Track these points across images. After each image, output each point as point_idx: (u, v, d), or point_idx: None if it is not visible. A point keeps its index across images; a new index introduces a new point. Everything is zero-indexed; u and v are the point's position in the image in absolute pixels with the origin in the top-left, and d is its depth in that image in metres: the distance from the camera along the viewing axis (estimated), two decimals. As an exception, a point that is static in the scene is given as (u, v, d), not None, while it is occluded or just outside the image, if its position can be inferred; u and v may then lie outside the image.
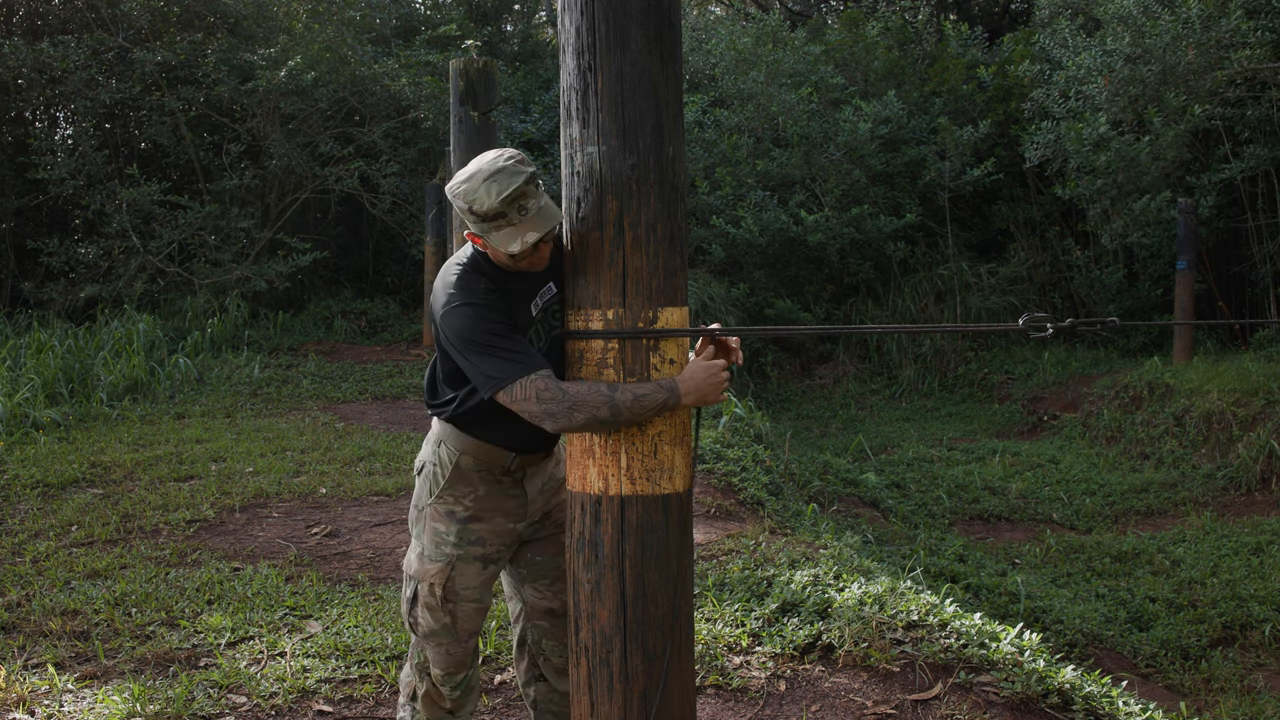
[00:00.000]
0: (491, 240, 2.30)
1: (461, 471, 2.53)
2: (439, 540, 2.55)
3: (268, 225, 11.34)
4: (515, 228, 2.26)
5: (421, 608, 2.57)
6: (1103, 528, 6.89)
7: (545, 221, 2.26)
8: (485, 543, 2.55)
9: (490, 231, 2.28)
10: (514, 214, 2.25)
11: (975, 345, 11.26)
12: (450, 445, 2.53)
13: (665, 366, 2.24)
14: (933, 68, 12.85)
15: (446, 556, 2.54)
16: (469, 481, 2.53)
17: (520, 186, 2.24)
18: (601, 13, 2.15)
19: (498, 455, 2.52)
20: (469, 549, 2.54)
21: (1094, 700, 3.21)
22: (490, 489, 2.55)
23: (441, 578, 2.53)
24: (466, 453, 2.52)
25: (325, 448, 6.64)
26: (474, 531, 2.54)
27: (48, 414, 7.22)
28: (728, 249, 11.30)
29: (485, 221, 2.27)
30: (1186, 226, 9.43)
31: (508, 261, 2.35)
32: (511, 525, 2.58)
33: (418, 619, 2.58)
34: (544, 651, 2.71)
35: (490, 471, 2.54)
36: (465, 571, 2.54)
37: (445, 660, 2.61)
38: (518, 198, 2.24)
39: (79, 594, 4.12)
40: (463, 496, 2.54)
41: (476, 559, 2.54)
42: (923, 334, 11.41)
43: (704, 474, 5.63)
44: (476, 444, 2.50)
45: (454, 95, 5.36)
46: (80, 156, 10.70)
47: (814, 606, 3.69)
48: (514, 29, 16.12)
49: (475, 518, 2.54)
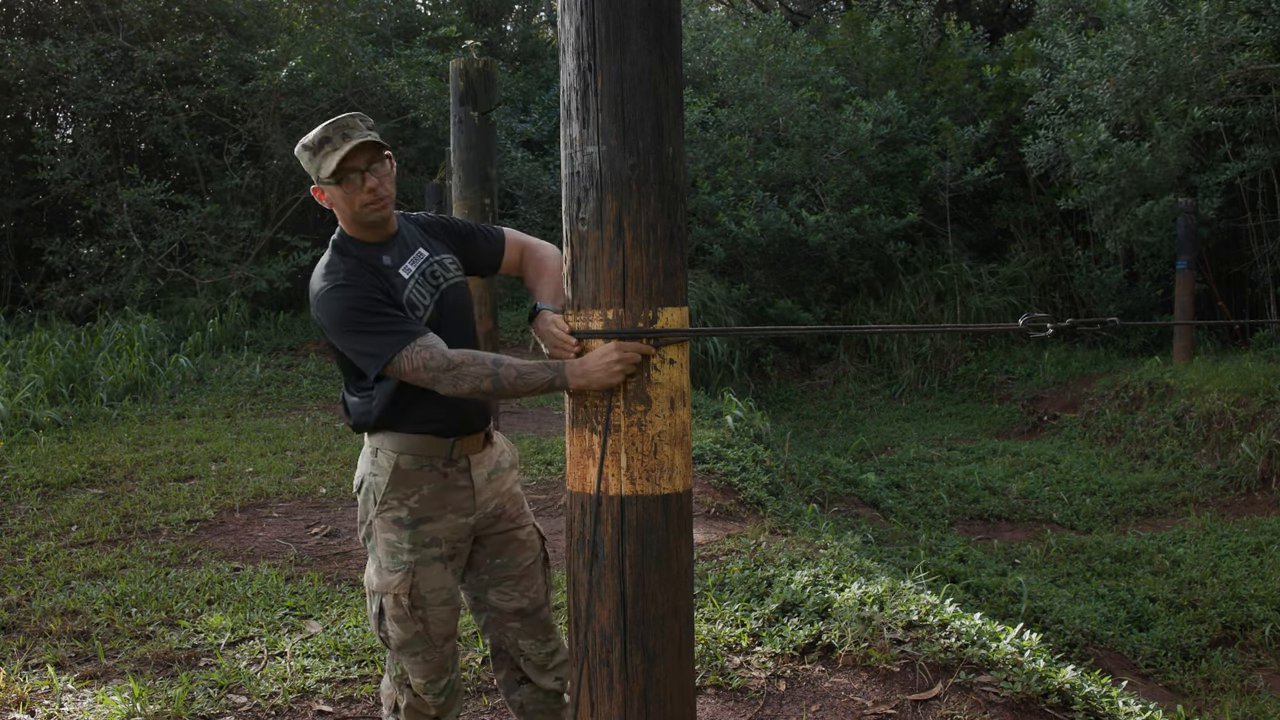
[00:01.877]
0: (322, 173, 2.34)
1: (402, 472, 2.45)
2: (393, 550, 2.47)
3: (268, 225, 11.35)
4: (337, 149, 2.33)
5: (390, 621, 2.48)
6: (1103, 528, 6.89)
7: (355, 139, 2.32)
8: (440, 542, 2.48)
9: (321, 164, 2.34)
10: (337, 138, 2.33)
11: (975, 345, 11.27)
12: (386, 449, 2.47)
13: (665, 366, 2.24)
14: (933, 67, 12.85)
15: (405, 564, 2.45)
16: (411, 482, 2.46)
17: (348, 117, 2.35)
18: (601, 13, 2.15)
19: (436, 446, 2.46)
20: (425, 551, 2.46)
21: (1094, 700, 3.21)
22: (434, 486, 2.47)
23: (405, 586, 2.45)
24: (404, 451, 2.45)
25: (325, 448, 6.63)
26: (426, 533, 2.47)
27: (48, 414, 7.23)
28: (728, 249, 11.30)
29: (316, 153, 2.34)
30: (1187, 227, 9.43)
31: (358, 215, 2.38)
32: (463, 520, 2.51)
33: (388, 633, 2.50)
34: (523, 652, 2.65)
35: (433, 466, 2.47)
36: (427, 575, 2.47)
37: (424, 668, 2.53)
38: (343, 126, 2.34)
39: (79, 594, 4.12)
40: (406, 499, 2.46)
41: (436, 559, 2.47)
42: (923, 334, 11.42)
43: (704, 474, 5.63)
44: (410, 439, 2.45)
45: (454, 95, 5.36)
46: (81, 157, 10.71)
47: (814, 606, 3.69)
48: (514, 29, 16.12)
49: (424, 519, 2.47)
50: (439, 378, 2.27)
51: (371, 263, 2.41)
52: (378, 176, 2.37)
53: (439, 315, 2.45)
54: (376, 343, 2.29)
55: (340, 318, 2.33)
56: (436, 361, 2.26)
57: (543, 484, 5.73)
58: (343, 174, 2.35)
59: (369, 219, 2.40)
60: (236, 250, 10.94)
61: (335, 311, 2.33)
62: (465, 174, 5.15)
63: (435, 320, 2.44)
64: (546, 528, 4.61)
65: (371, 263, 2.41)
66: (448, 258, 2.54)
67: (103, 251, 10.81)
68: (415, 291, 2.43)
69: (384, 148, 2.40)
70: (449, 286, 2.50)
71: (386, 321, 2.30)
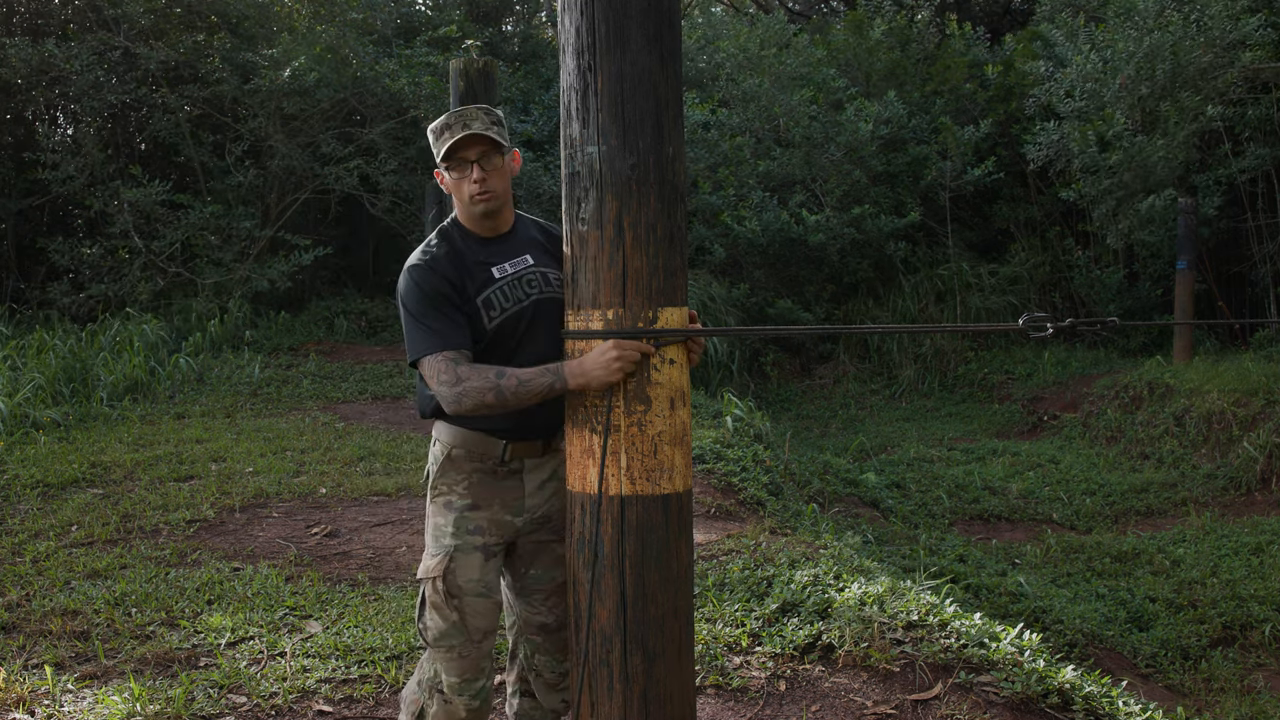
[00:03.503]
0: (438, 153, 2.43)
1: (453, 460, 2.50)
2: (438, 534, 2.50)
3: (268, 225, 11.34)
4: (452, 137, 2.40)
5: (429, 609, 2.47)
6: (1103, 528, 6.89)
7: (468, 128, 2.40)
8: (484, 531, 2.48)
9: (440, 149, 2.42)
10: (458, 126, 2.41)
11: (975, 345, 11.26)
12: (443, 440, 2.52)
13: (665, 366, 2.24)
14: (934, 67, 12.86)
15: (445, 548, 2.47)
16: (460, 469, 2.49)
17: (473, 109, 2.44)
18: (601, 13, 2.15)
19: (489, 444, 2.48)
20: (467, 538, 2.46)
21: (1094, 700, 3.21)
22: (484, 476, 2.50)
23: (441, 569, 2.45)
24: (457, 445, 2.49)
25: (325, 448, 6.63)
26: (471, 520, 2.47)
27: (48, 414, 7.22)
28: (728, 249, 11.30)
29: (438, 137, 2.43)
30: (1187, 226, 9.43)
31: (466, 204, 2.46)
32: (509, 518, 2.51)
33: (426, 623, 2.48)
34: (535, 667, 2.62)
35: (483, 463, 2.49)
36: (465, 563, 2.46)
37: (459, 665, 2.46)
38: (465, 115, 2.42)
39: (79, 594, 4.12)
40: (455, 484, 2.49)
41: (476, 549, 2.46)
42: (923, 334, 11.41)
43: (704, 474, 5.63)
44: (464, 433, 2.48)
45: (454, 95, 5.36)
46: (84, 156, 10.70)
47: (814, 606, 3.69)
48: (514, 29, 16.12)
49: (472, 505, 2.48)
50: (443, 393, 2.32)
51: (467, 254, 2.46)
52: (486, 170, 2.42)
53: (520, 324, 2.44)
54: (417, 335, 2.37)
55: (405, 295, 2.42)
56: (447, 376, 2.31)
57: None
58: (453, 161, 2.42)
59: (476, 210, 2.45)
60: (238, 250, 10.94)
61: (404, 287, 2.42)
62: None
63: (513, 328, 2.43)
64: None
65: (467, 254, 2.46)
66: (553, 273, 2.50)
67: (104, 251, 10.80)
68: (499, 293, 2.44)
69: (500, 144, 2.43)
70: (544, 299, 2.47)
71: (437, 319, 2.36)
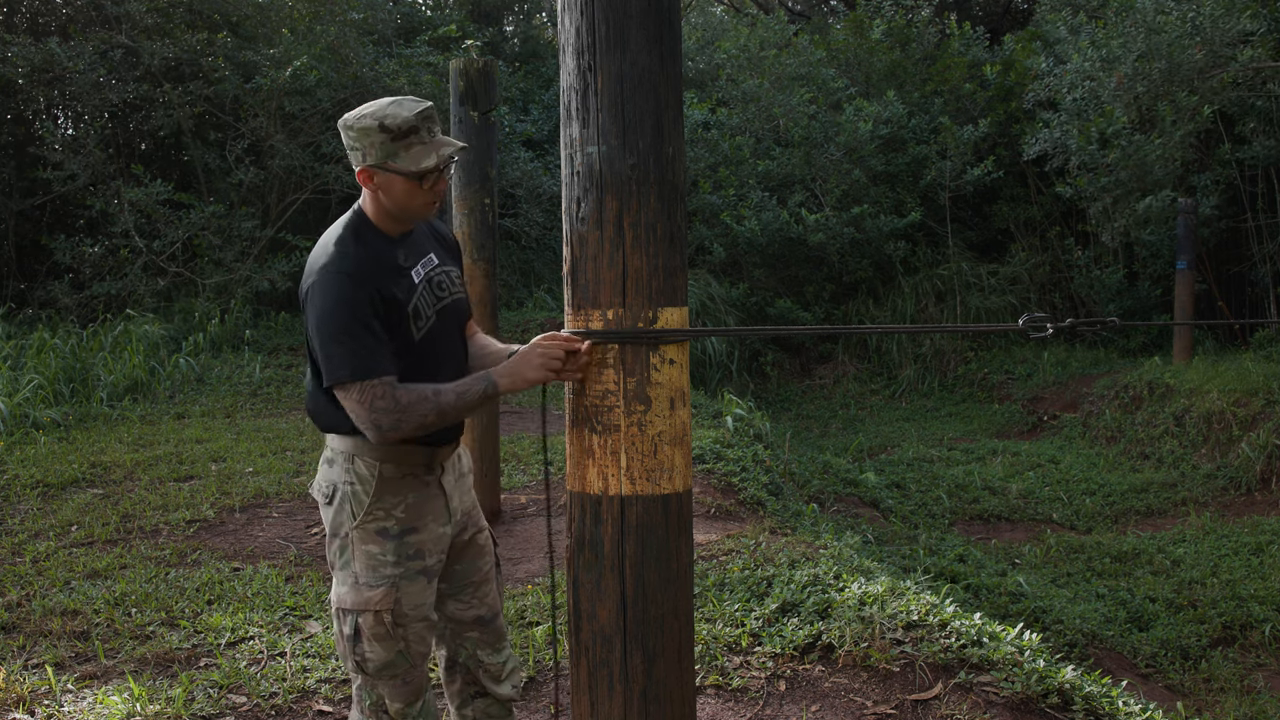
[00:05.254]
0: (399, 161, 2.21)
1: (387, 481, 2.31)
2: (375, 564, 2.31)
3: (269, 225, 11.35)
4: (427, 145, 2.23)
5: (368, 641, 2.31)
6: (1103, 528, 6.89)
7: (453, 143, 2.26)
8: (425, 554, 2.35)
9: (400, 151, 2.21)
10: (425, 132, 2.23)
11: (975, 345, 11.27)
12: (366, 457, 2.31)
13: (665, 366, 2.24)
14: (934, 67, 12.86)
15: (388, 578, 2.31)
16: (396, 491, 2.32)
17: (430, 108, 2.25)
18: (601, 13, 2.15)
19: (418, 454, 2.34)
20: (409, 564, 2.33)
21: (1094, 700, 3.21)
22: (418, 494, 2.35)
23: (388, 602, 2.30)
24: (386, 460, 2.31)
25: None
26: (412, 544, 2.33)
27: (48, 414, 7.22)
28: (728, 248, 11.31)
29: (398, 139, 2.21)
30: (1186, 226, 9.43)
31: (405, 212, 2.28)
32: (443, 530, 2.40)
33: (365, 655, 2.32)
34: (481, 663, 2.56)
35: (415, 475, 2.35)
36: (411, 590, 2.33)
37: (404, 691, 2.38)
38: (428, 117, 2.24)
39: (79, 594, 4.12)
40: (393, 509, 2.32)
41: (420, 574, 2.34)
42: (923, 334, 11.42)
43: (704, 474, 5.63)
44: (392, 447, 2.30)
45: (454, 95, 5.36)
46: (86, 155, 10.70)
47: (814, 606, 3.69)
48: (514, 29, 16.13)
49: (411, 529, 2.33)
50: (381, 421, 2.16)
51: (386, 259, 2.29)
52: (445, 179, 2.30)
53: (439, 329, 2.36)
54: (346, 357, 2.16)
55: (328, 310, 2.17)
56: (385, 403, 2.15)
57: (542, 484, 5.73)
58: (424, 173, 2.24)
59: (413, 217, 2.32)
60: (239, 250, 10.94)
61: (326, 301, 2.17)
62: (465, 174, 5.15)
63: (435, 333, 2.35)
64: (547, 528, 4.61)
65: (386, 259, 2.29)
66: (454, 270, 2.46)
67: (105, 251, 10.80)
68: (422, 299, 2.33)
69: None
70: (451, 301, 2.42)
71: (367, 339, 2.17)
